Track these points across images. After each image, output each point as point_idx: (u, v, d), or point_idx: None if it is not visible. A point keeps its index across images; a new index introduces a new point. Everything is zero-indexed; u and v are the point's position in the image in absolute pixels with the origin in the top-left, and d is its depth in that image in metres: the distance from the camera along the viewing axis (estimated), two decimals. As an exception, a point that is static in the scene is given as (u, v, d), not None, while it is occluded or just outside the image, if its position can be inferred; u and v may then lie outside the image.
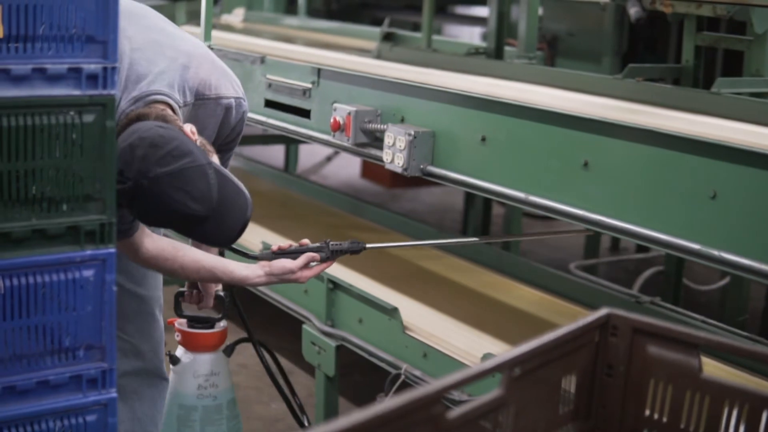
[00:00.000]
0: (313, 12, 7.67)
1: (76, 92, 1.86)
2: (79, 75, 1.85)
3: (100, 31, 1.86)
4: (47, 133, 1.85)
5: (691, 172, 2.25)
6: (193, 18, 6.20)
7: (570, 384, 1.66)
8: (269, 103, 3.81)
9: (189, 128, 2.42)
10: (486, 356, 3.09)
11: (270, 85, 3.79)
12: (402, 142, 3.00)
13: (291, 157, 7.43)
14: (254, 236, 4.43)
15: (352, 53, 4.90)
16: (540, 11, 4.95)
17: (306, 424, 3.27)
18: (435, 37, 5.11)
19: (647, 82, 3.49)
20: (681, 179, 2.29)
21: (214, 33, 5.26)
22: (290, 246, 2.80)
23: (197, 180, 2.29)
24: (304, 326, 3.82)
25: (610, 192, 2.45)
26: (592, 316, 1.67)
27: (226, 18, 7.13)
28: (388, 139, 3.07)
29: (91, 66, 1.86)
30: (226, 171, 2.46)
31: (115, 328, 2.00)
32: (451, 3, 8.13)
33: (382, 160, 3.13)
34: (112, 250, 1.96)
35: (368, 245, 3.04)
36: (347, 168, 8.39)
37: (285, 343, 4.65)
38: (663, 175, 2.33)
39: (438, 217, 7.25)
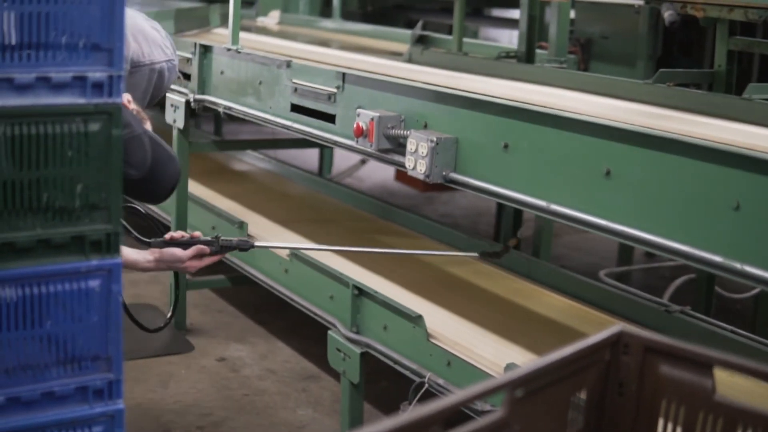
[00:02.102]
0: (348, 14, 7.65)
1: (81, 101, 1.83)
2: (84, 83, 1.83)
3: (105, 39, 1.84)
4: (52, 142, 1.83)
5: (714, 181, 2.19)
6: (226, 21, 6.19)
7: (579, 403, 1.61)
8: (295, 108, 3.78)
9: (126, 98, 2.64)
10: (509, 366, 3.03)
11: (296, 90, 3.76)
12: (424, 149, 2.95)
13: (326, 160, 7.41)
14: (281, 239, 4.42)
15: (383, 56, 4.87)
16: (573, 14, 4.89)
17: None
18: (467, 40, 5.07)
19: (678, 87, 3.42)
20: (703, 189, 2.22)
21: (245, 35, 5.26)
22: (182, 236, 2.94)
23: (135, 149, 2.55)
24: (330, 332, 3.78)
25: (631, 201, 2.39)
26: (602, 334, 1.61)
27: (261, 20, 7.14)
28: (410, 146, 3.02)
29: (96, 74, 1.84)
30: (158, 138, 2.71)
31: (122, 338, 1.98)
32: (488, 5, 8.06)
33: (405, 167, 3.09)
34: (118, 260, 1.93)
35: (256, 243, 3.24)
36: (382, 170, 8.35)
37: (312, 347, 4.64)
38: (685, 185, 2.26)
39: (472, 221, 7.19)
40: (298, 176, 5.83)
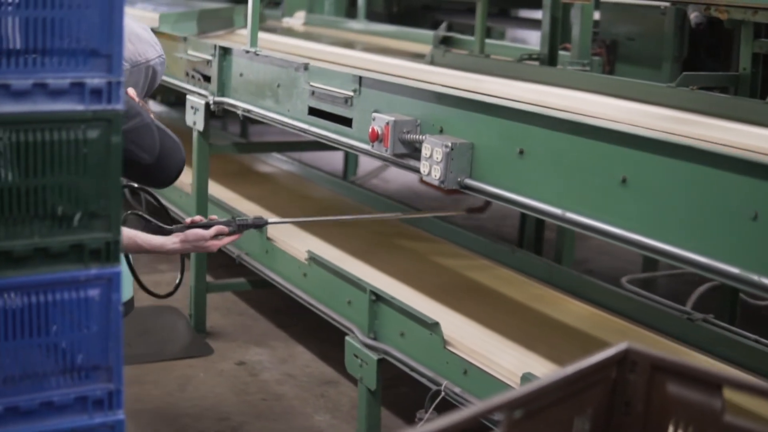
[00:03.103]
0: (374, 15, 7.60)
1: (80, 107, 1.80)
2: (82, 89, 1.79)
3: (105, 44, 1.80)
4: (50, 150, 1.80)
5: (732, 190, 2.12)
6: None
7: (584, 423, 1.55)
8: (313, 111, 3.74)
9: (132, 92, 2.89)
10: (525, 377, 2.98)
11: (313, 93, 3.72)
12: (439, 154, 2.91)
13: (350, 162, 7.37)
14: (300, 243, 4.38)
15: (406, 58, 4.82)
16: (597, 16, 4.82)
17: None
18: (490, 41, 5.01)
19: (701, 90, 3.34)
20: (721, 198, 2.16)
21: (267, 36, 5.23)
22: (201, 220, 3.16)
23: (145, 135, 2.78)
24: (347, 338, 3.75)
25: (647, 210, 2.33)
26: (608, 351, 1.56)
27: (287, 21, 7.11)
28: (425, 151, 2.98)
29: (95, 80, 1.80)
30: (165, 127, 2.94)
31: (123, 348, 1.95)
32: (515, 6, 7.99)
33: (420, 172, 3.04)
34: (118, 269, 1.90)
35: (270, 220, 3.42)
36: (408, 172, 8.29)
37: (332, 351, 4.60)
38: (702, 194, 2.20)
39: (497, 224, 7.13)
40: (320, 178, 5.79)
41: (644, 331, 3.49)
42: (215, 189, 5.36)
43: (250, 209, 5.02)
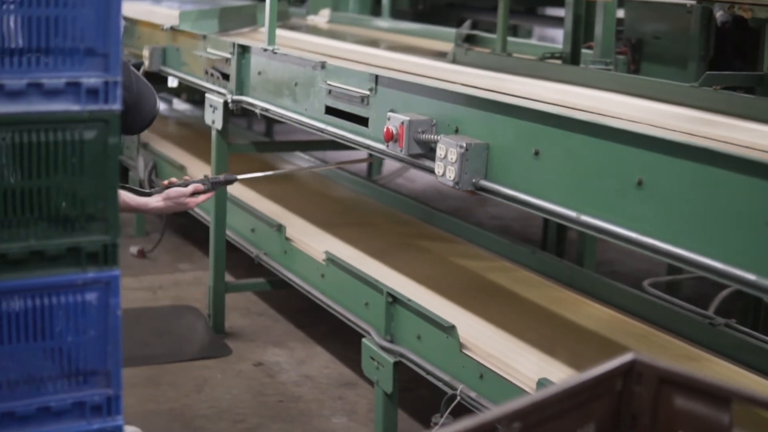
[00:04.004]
0: (399, 13, 7.55)
1: (75, 107, 1.77)
2: (78, 89, 1.76)
3: (101, 43, 1.77)
4: (45, 151, 1.77)
5: (750, 195, 2.05)
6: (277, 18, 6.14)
7: (587, 436, 1.50)
8: (329, 110, 3.70)
9: None
10: (540, 383, 2.92)
11: (330, 92, 3.68)
12: (453, 155, 2.85)
13: (375, 161, 7.32)
14: (319, 243, 4.34)
15: (428, 57, 4.76)
16: (622, 14, 4.74)
17: None
18: (514, 40, 4.95)
19: (725, 90, 3.26)
20: (738, 202, 2.09)
21: (288, 34, 5.19)
22: (177, 181, 3.36)
23: (123, 72, 2.87)
24: (364, 340, 3.70)
25: (662, 213, 2.26)
26: (614, 362, 1.50)
27: (312, 19, 7.07)
28: (440, 151, 2.92)
29: (91, 80, 1.77)
30: (139, 73, 3.14)
31: (121, 353, 1.91)
32: (542, 4, 7.90)
33: (434, 173, 2.99)
34: (117, 273, 1.87)
35: (239, 176, 3.68)
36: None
37: (351, 353, 4.55)
38: (719, 197, 2.13)
39: (523, 224, 7.06)
40: (343, 178, 5.75)
41: (665, 336, 3.42)
42: (236, 188, 5.32)
43: (269, 208, 4.98)
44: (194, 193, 3.34)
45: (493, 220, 7.25)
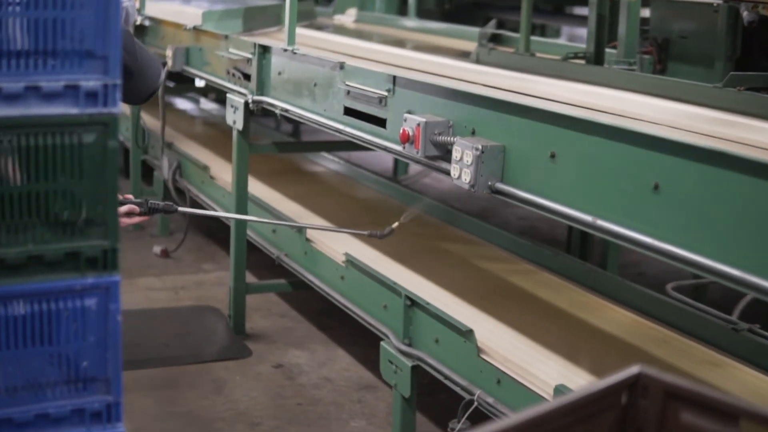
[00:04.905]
0: (426, 12, 7.50)
1: (74, 111, 1.74)
2: (77, 92, 1.73)
3: (100, 45, 1.74)
4: (43, 155, 1.74)
5: (765, 200, 2.00)
6: (301, 18, 6.11)
7: (590, 451, 1.45)
8: (348, 111, 3.66)
9: None
10: (557, 389, 2.87)
11: (348, 92, 3.64)
12: (469, 157, 2.80)
13: (401, 161, 7.28)
14: (339, 245, 4.31)
15: (452, 56, 4.71)
16: (647, 13, 4.67)
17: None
18: (537, 39, 4.89)
19: (749, 91, 3.19)
20: (757, 207, 2.03)
21: (311, 33, 5.16)
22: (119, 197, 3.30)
23: (128, 40, 3.00)
24: (382, 344, 3.67)
25: (679, 218, 2.21)
26: (619, 375, 1.45)
27: (338, 18, 7.05)
28: (455, 153, 2.88)
29: (90, 83, 1.74)
30: (143, 45, 3.22)
31: (121, 359, 1.89)
32: (570, 3, 7.82)
33: (450, 175, 2.95)
34: (117, 278, 1.84)
35: (180, 209, 3.54)
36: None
37: (372, 355, 4.50)
38: (737, 202, 2.07)
39: (549, 225, 6.99)
40: (367, 179, 5.71)
41: (687, 340, 3.36)
42: (259, 188, 5.31)
43: (291, 209, 4.95)
44: (129, 213, 3.24)
45: (520, 221, 7.18)
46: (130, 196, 3.31)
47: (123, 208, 3.20)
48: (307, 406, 4.09)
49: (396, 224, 4.01)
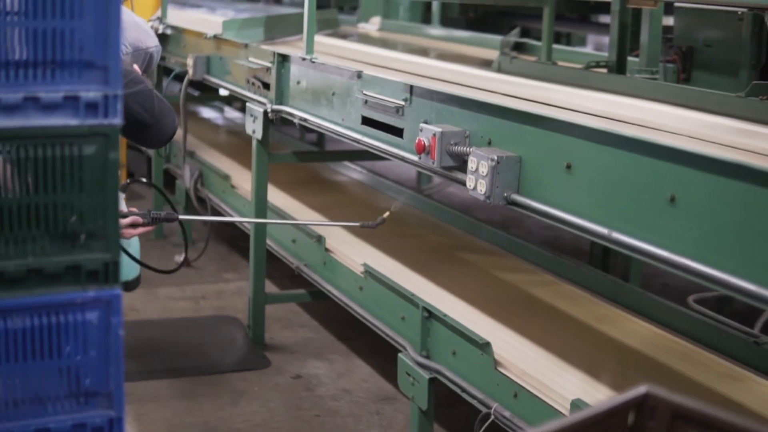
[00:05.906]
0: (450, 21, 7.46)
1: (74, 122, 1.71)
2: (76, 103, 1.71)
3: (100, 56, 1.71)
4: (43, 167, 1.72)
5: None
6: (324, 27, 6.10)
7: (595, 474, 1.40)
8: (366, 120, 3.63)
9: (135, 67, 3.44)
10: (575, 404, 2.82)
11: (366, 102, 3.61)
12: (485, 168, 2.76)
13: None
14: (359, 255, 4.27)
15: (474, 65, 4.67)
16: (671, 21, 4.62)
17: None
18: (559, 47, 4.84)
19: (772, 101, 3.13)
20: (773, 221, 1.98)
21: (332, 41, 5.14)
22: (121, 210, 3.28)
23: (147, 98, 3.27)
24: (400, 355, 3.63)
25: (695, 232, 2.16)
26: (625, 395, 1.41)
27: (362, 26, 7.03)
28: (471, 164, 2.84)
29: (90, 93, 1.71)
30: (162, 96, 3.39)
31: (123, 373, 1.86)
32: (596, 12, 7.76)
33: (466, 186, 2.91)
34: (118, 291, 1.81)
35: (181, 216, 3.66)
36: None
37: (392, 367, 4.46)
38: (755, 216, 2.02)
39: (573, 235, 6.89)
40: (389, 188, 5.68)
41: (708, 354, 3.30)
42: (279, 197, 5.29)
43: (311, 218, 4.93)
44: (133, 225, 3.35)
45: (544, 230, 7.12)
46: (134, 209, 3.42)
47: (126, 220, 3.30)
48: (325, 418, 4.06)
49: (387, 214, 4.05)
